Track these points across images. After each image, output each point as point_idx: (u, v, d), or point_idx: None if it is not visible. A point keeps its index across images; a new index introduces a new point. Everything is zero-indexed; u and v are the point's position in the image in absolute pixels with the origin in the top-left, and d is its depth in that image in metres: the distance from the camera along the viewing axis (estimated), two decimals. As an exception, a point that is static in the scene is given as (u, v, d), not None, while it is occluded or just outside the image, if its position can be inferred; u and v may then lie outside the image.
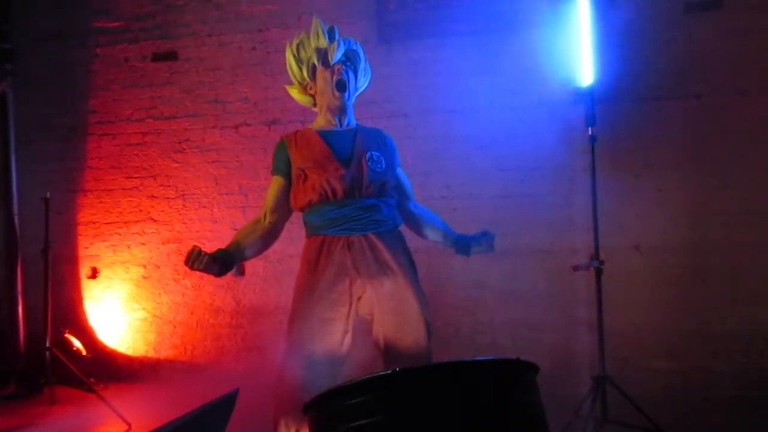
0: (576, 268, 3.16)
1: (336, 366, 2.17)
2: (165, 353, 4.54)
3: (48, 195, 3.93)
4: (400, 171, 2.51)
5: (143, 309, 4.59)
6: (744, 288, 3.75)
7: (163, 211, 4.59)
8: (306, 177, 2.30)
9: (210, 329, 4.48)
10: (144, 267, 4.61)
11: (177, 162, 4.59)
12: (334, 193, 2.26)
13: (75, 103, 4.73)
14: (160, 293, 4.58)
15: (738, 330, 3.74)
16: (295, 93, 2.57)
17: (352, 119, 2.47)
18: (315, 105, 2.52)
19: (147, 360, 4.57)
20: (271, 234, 2.36)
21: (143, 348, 4.58)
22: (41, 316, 3.94)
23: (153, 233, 4.61)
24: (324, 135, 2.37)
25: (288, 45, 2.51)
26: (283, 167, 2.36)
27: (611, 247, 3.55)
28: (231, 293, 4.46)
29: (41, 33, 4.76)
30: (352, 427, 1.34)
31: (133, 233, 4.63)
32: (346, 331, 2.20)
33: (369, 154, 2.32)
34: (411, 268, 2.31)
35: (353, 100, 2.49)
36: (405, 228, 2.49)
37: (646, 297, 3.86)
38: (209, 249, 2.15)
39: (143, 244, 4.62)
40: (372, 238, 2.25)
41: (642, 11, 3.91)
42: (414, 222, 2.52)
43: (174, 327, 4.54)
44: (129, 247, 4.64)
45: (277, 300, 4.37)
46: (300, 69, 2.48)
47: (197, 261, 2.10)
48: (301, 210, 2.36)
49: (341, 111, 2.42)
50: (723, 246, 3.78)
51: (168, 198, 4.59)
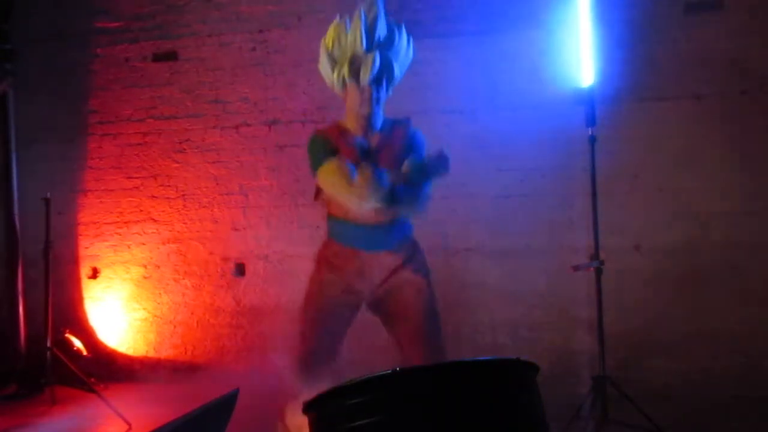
0: (576, 268, 3.17)
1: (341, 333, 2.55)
2: (165, 353, 4.54)
3: (48, 195, 3.93)
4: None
5: (143, 309, 4.59)
6: (744, 288, 3.75)
7: (164, 211, 4.60)
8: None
9: (210, 329, 4.49)
10: (144, 267, 4.61)
11: (177, 162, 4.59)
12: (348, 214, 2.46)
13: (75, 104, 4.73)
14: (160, 293, 4.58)
15: (738, 330, 3.74)
16: (326, 79, 2.59)
17: (378, 122, 2.53)
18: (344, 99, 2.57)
19: (147, 360, 4.57)
20: None
21: (143, 348, 4.58)
22: (42, 316, 3.95)
23: (153, 233, 4.61)
24: (359, 147, 2.46)
25: (323, 40, 2.50)
26: (331, 154, 2.41)
27: (611, 247, 3.55)
28: (231, 293, 4.46)
29: (42, 33, 4.76)
30: (351, 427, 1.35)
31: (134, 233, 4.64)
32: (352, 317, 2.56)
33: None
34: (421, 271, 2.54)
35: (383, 104, 2.55)
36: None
37: (646, 297, 3.86)
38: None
39: (144, 244, 4.62)
40: (381, 255, 2.49)
41: (642, 11, 3.91)
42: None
43: (174, 327, 4.55)
44: (129, 247, 4.64)
45: (278, 300, 4.37)
46: (332, 71, 2.50)
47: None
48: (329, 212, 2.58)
49: (368, 124, 2.51)
50: (723, 246, 3.78)
51: (168, 198, 4.59)
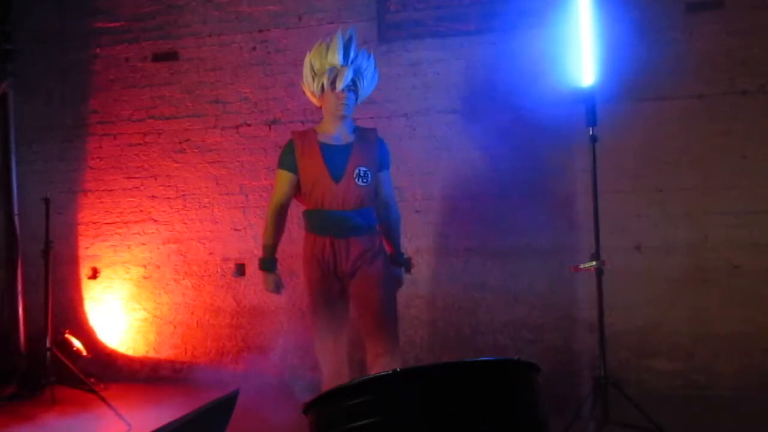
0: (576, 268, 3.16)
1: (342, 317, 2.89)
2: (165, 353, 4.54)
3: (48, 195, 3.93)
4: (386, 174, 2.97)
5: (143, 309, 4.59)
6: (744, 288, 3.74)
7: (164, 212, 4.59)
8: (306, 187, 2.84)
9: (210, 329, 4.48)
10: (144, 267, 4.61)
11: (177, 162, 4.59)
12: (323, 204, 2.80)
13: (76, 104, 4.73)
14: (160, 293, 4.58)
15: (739, 330, 3.74)
16: (306, 91, 2.97)
17: (350, 126, 2.92)
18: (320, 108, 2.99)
19: (147, 360, 4.57)
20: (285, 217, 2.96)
21: (143, 348, 4.58)
22: (42, 316, 3.95)
23: (153, 233, 4.61)
24: (324, 150, 2.83)
25: (308, 53, 2.90)
26: (291, 166, 2.86)
27: (612, 248, 3.55)
28: (231, 293, 4.46)
29: (42, 33, 4.76)
30: (351, 428, 1.34)
31: (134, 233, 4.63)
32: (343, 306, 2.89)
33: (358, 170, 2.80)
34: (381, 260, 2.87)
35: (353, 111, 2.92)
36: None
37: (646, 297, 3.85)
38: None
39: (144, 244, 4.62)
40: (350, 240, 2.79)
41: (643, 11, 3.91)
42: (381, 221, 3.01)
43: (174, 327, 4.54)
44: (129, 248, 4.64)
45: (278, 300, 4.36)
46: (312, 80, 2.89)
47: (279, 288, 2.92)
48: (305, 207, 2.93)
49: (342, 125, 2.89)
50: (723, 246, 3.78)
51: (168, 198, 4.59)
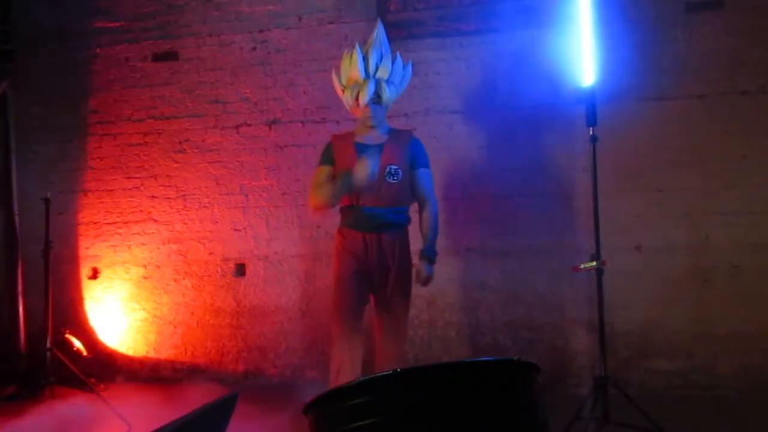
0: (577, 268, 3.16)
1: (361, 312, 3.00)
2: (165, 354, 4.54)
3: (48, 195, 3.93)
4: (422, 171, 3.03)
5: (144, 309, 4.59)
6: (745, 288, 3.74)
7: (164, 212, 4.59)
8: None
9: (210, 330, 4.48)
10: (144, 267, 4.60)
11: (177, 162, 4.59)
12: (357, 201, 2.93)
13: (76, 104, 4.73)
14: (160, 293, 4.57)
15: (739, 330, 3.74)
16: (342, 99, 3.16)
17: (384, 127, 3.06)
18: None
19: (147, 360, 4.56)
20: None
21: (144, 348, 4.58)
22: (42, 316, 3.95)
23: (153, 233, 4.60)
24: (359, 148, 2.95)
25: (334, 69, 3.12)
26: (329, 161, 3.03)
27: (612, 247, 3.55)
28: (231, 293, 4.46)
29: (42, 33, 4.75)
30: (352, 428, 1.34)
31: (134, 233, 4.63)
32: (363, 312, 3.00)
33: (389, 168, 2.92)
34: (404, 259, 3.00)
35: (384, 119, 3.06)
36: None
37: (647, 297, 3.85)
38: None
39: (144, 244, 4.62)
40: (381, 236, 2.94)
41: (643, 11, 3.91)
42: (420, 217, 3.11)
43: (174, 327, 4.54)
44: (129, 248, 4.63)
45: (278, 300, 4.37)
46: (343, 93, 3.09)
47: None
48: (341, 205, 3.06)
49: (372, 131, 3.03)
50: (723, 246, 3.78)
51: (168, 198, 4.59)
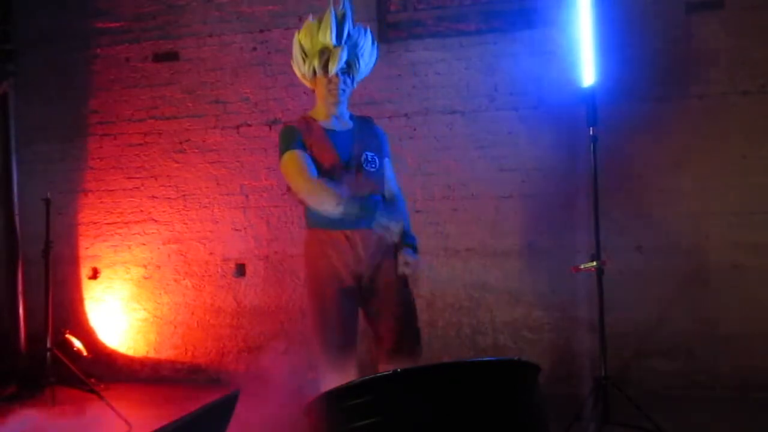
0: (577, 268, 3.16)
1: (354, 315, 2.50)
2: (166, 354, 4.54)
3: (49, 195, 3.93)
4: (388, 162, 2.64)
5: (144, 309, 4.59)
6: (745, 288, 3.74)
7: (164, 212, 4.59)
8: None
9: (211, 330, 4.48)
10: (145, 267, 4.61)
11: (178, 162, 4.59)
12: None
13: (76, 104, 4.73)
14: (160, 294, 4.57)
15: (739, 330, 3.74)
16: (297, 72, 2.65)
17: (345, 112, 2.60)
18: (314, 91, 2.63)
19: (148, 360, 4.56)
20: None
21: (144, 348, 4.58)
22: (42, 316, 3.94)
23: (154, 233, 4.61)
24: (330, 135, 2.51)
25: (297, 32, 2.59)
26: (301, 146, 2.45)
27: (612, 248, 3.55)
28: (232, 294, 4.46)
29: (43, 34, 4.75)
30: (352, 428, 1.34)
31: (134, 234, 4.63)
32: (356, 297, 2.48)
33: (365, 155, 2.51)
34: (391, 251, 2.49)
35: (349, 95, 2.61)
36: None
37: (647, 297, 3.85)
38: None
39: (144, 244, 4.62)
40: (364, 230, 2.39)
41: (643, 11, 3.90)
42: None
43: (175, 327, 4.54)
44: (130, 248, 4.64)
45: (278, 300, 4.37)
46: (303, 62, 2.58)
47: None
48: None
49: (337, 111, 2.55)
50: (724, 246, 3.78)
51: (169, 198, 4.59)
